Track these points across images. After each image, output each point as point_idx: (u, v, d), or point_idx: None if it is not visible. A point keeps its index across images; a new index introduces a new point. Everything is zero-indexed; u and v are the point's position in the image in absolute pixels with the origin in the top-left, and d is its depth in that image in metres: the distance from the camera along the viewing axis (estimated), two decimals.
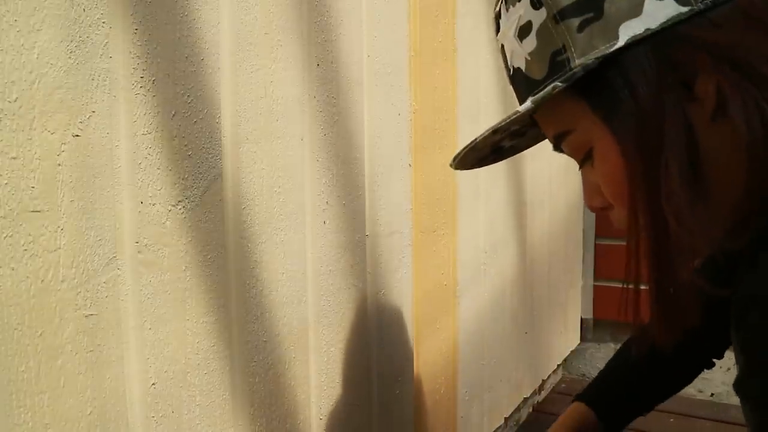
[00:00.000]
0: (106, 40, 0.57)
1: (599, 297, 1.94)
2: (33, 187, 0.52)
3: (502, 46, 0.55)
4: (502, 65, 0.56)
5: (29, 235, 0.52)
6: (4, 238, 0.50)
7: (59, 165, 0.54)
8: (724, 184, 0.49)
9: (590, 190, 0.55)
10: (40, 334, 0.53)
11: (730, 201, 0.49)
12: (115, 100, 0.58)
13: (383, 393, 0.99)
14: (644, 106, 0.47)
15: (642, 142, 0.48)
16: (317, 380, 0.85)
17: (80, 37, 0.55)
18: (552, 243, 1.70)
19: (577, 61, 0.48)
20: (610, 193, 0.52)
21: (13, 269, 0.51)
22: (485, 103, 1.29)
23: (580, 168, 0.55)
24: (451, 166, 0.60)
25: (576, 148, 0.53)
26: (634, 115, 0.47)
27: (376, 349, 0.97)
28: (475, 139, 0.55)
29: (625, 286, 0.51)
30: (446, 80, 1.12)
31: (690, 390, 1.85)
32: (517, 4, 0.51)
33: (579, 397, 0.84)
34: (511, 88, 0.56)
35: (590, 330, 1.97)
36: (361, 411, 0.94)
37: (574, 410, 0.83)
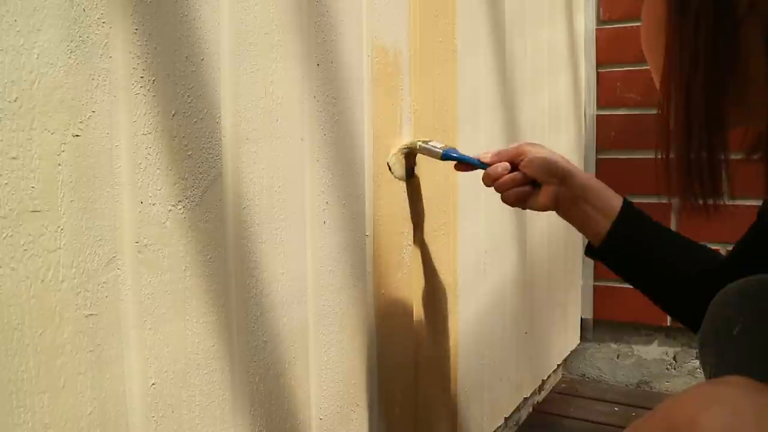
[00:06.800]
0: (106, 40, 0.57)
1: (599, 297, 1.94)
2: (33, 187, 0.52)
3: None
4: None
5: (29, 235, 0.52)
6: (4, 238, 0.50)
7: (59, 165, 0.54)
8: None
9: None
10: (40, 334, 0.53)
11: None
12: (115, 100, 0.58)
13: (383, 393, 0.99)
14: None
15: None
16: (317, 380, 0.85)
17: (80, 37, 0.55)
18: (552, 243, 1.70)
19: None
20: (643, 46, 0.52)
21: (13, 269, 0.51)
22: (485, 103, 1.29)
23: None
24: None
25: None
26: None
27: (376, 349, 0.97)
28: None
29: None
30: (446, 80, 1.12)
31: None
32: None
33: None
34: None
35: (590, 330, 1.97)
36: (361, 411, 0.94)
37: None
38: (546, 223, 1.66)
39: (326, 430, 0.87)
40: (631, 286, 0.87)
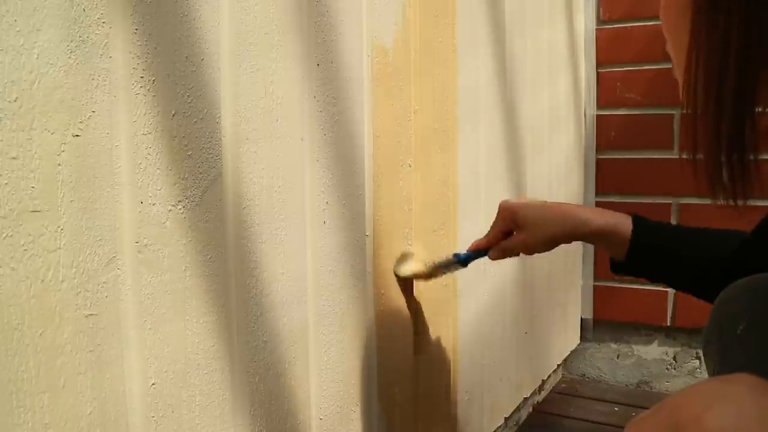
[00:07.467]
0: (106, 40, 0.57)
1: (599, 297, 1.94)
2: (33, 187, 0.52)
3: None
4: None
5: (29, 235, 0.52)
6: (4, 238, 0.50)
7: (59, 165, 0.54)
8: None
9: None
10: (40, 334, 0.53)
11: None
12: (115, 100, 0.58)
13: (383, 393, 0.99)
14: None
15: None
16: (317, 380, 0.85)
17: (80, 37, 0.55)
18: None
19: None
20: (665, 28, 0.51)
21: (13, 269, 0.51)
22: (485, 103, 1.29)
23: None
24: None
25: None
26: None
27: (376, 348, 0.97)
28: None
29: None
30: (446, 80, 1.12)
31: None
32: None
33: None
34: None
35: (590, 330, 1.97)
36: (361, 411, 0.94)
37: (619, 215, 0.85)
38: None
39: (326, 430, 0.87)
40: (630, 286, 0.87)
